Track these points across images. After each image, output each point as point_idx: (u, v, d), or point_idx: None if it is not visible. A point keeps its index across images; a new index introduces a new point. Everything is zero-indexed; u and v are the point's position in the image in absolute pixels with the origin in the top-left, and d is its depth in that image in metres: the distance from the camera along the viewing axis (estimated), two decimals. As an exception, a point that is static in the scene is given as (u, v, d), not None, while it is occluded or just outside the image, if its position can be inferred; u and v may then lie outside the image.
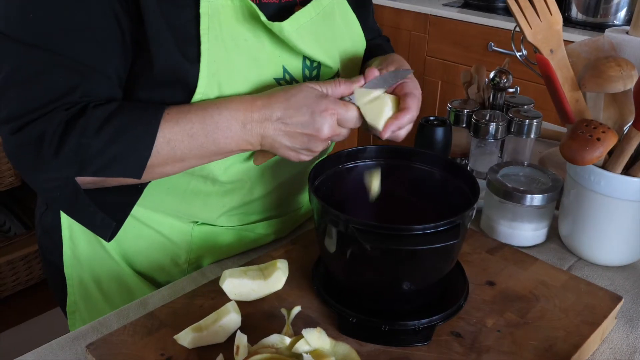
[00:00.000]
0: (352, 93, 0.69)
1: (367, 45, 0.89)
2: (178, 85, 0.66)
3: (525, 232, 0.87)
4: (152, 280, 0.85)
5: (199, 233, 0.82)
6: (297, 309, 0.65)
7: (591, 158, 0.69)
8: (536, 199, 0.84)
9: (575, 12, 2.22)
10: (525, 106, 1.06)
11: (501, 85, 1.04)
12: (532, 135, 1.00)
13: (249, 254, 0.85)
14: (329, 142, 0.69)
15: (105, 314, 0.73)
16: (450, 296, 0.70)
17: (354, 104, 0.69)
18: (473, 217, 0.66)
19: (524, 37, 0.74)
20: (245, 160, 0.75)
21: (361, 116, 0.69)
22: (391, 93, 0.73)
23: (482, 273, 0.76)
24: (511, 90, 1.10)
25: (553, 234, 0.90)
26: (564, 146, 0.71)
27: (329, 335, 0.62)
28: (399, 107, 0.72)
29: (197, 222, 0.82)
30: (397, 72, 0.72)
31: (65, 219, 0.83)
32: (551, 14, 0.73)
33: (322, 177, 0.72)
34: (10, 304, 1.96)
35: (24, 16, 0.60)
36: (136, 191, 0.70)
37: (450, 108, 1.06)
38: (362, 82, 0.70)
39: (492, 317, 0.67)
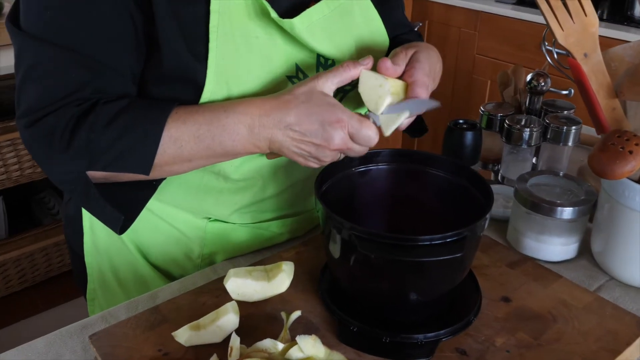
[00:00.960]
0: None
1: (395, 41, 0.86)
2: (186, 83, 0.65)
3: (553, 246, 0.82)
4: (166, 273, 0.86)
5: (213, 229, 0.82)
6: (296, 314, 0.64)
7: (622, 172, 0.64)
8: (566, 212, 0.79)
9: (638, 11, 2.09)
10: (565, 112, 1.00)
11: (538, 88, 0.98)
12: (569, 143, 0.95)
13: (263, 252, 0.85)
14: (340, 154, 0.66)
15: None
16: (460, 310, 0.67)
17: (373, 122, 0.65)
18: (485, 227, 0.62)
19: (555, 39, 0.69)
20: (257, 158, 0.74)
21: (380, 134, 0.65)
22: (399, 79, 0.69)
23: (498, 288, 0.72)
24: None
25: (585, 250, 0.85)
26: (593, 158, 0.66)
27: (329, 343, 0.61)
28: (407, 94, 0.68)
29: (210, 218, 0.81)
30: (424, 101, 0.67)
31: None
32: (586, 15, 0.68)
33: (333, 180, 0.70)
34: (55, 285, 2.04)
35: (41, 13, 0.61)
36: (151, 187, 0.71)
37: (482, 111, 1.02)
38: (371, 62, 0.67)
39: (503, 335, 0.64)
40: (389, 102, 0.65)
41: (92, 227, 0.84)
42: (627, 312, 0.68)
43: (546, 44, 1.36)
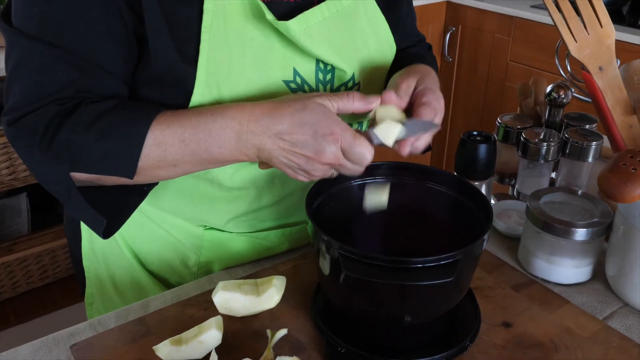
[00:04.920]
0: (369, 111, 0.64)
1: (403, 53, 0.82)
2: (175, 86, 0.64)
3: (564, 268, 0.78)
4: (164, 280, 0.85)
5: (210, 237, 0.80)
6: (282, 332, 0.62)
7: (632, 196, 0.60)
8: (578, 233, 0.75)
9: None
10: (587, 126, 0.95)
11: (559, 101, 0.94)
12: (589, 160, 0.90)
13: (262, 263, 0.83)
14: (332, 169, 0.63)
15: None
16: (456, 335, 0.63)
17: (369, 139, 0.62)
18: (483, 249, 0.59)
19: (568, 51, 0.65)
20: (251, 167, 0.72)
21: (372, 149, 0.62)
22: (410, 102, 0.67)
23: (500, 312, 0.68)
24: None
25: (601, 272, 0.80)
26: (602, 179, 0.62)
27: (313, 364, 0.58)
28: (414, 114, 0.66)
29: (206, 226, 0.80)
30: (424, 122, 0.64)
31: None
32: (602, 26, 0.64)
33: (329, 192, 0.68)
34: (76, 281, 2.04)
35: (30, 10, 0.60)
36: (141, 193, 0.70)
37: (499, 123, 0.98)
38: (379, 101, 0.64)
39: (498, 364, 0.60)
40: (399, 133, 0.63)
41: (90, 231, 0.84)
42: (635, 343, 0.64)
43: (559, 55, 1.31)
